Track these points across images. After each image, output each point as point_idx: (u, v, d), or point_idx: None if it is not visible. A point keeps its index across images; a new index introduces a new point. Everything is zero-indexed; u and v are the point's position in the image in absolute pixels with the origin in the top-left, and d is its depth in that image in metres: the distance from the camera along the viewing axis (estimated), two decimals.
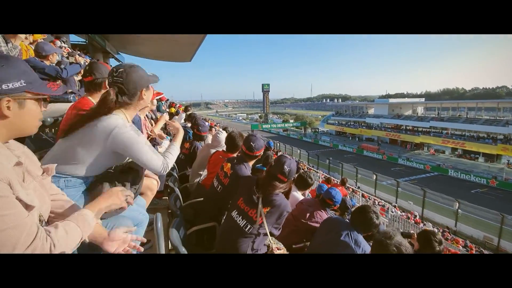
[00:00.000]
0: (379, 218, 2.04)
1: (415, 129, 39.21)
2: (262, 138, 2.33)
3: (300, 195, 3.25)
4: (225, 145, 2.87)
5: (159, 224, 1.20)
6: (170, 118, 7.28)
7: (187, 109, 7.18)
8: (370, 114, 48.94)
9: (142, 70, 1.42)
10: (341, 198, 2.76)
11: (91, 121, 1.27)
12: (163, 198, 2.94)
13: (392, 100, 53.90)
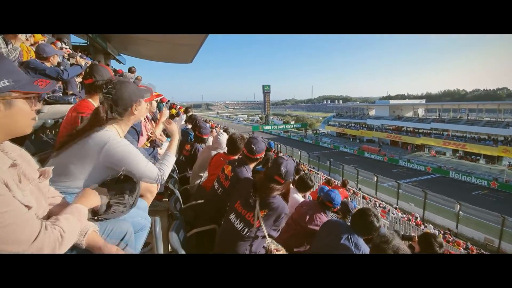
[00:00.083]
0: (380, 221, 2.02)
1: (416, 130, 39.16)
2: (263, 141, 2.33)
3: (300, 197, 3.24)
4: (226, 147, 2.87)
5: (158, 228, 1.20)
6: (170, 119, 7.31)
7: (188, 110, 7.19)
8: (371, 116, 48.94)
9: (133, 85, 1.42)
10: (340, 200, 2.74)
11: (83, 137, 1.27)
12: (163, 200, 2.93)
13: (393, 101, 53.89)
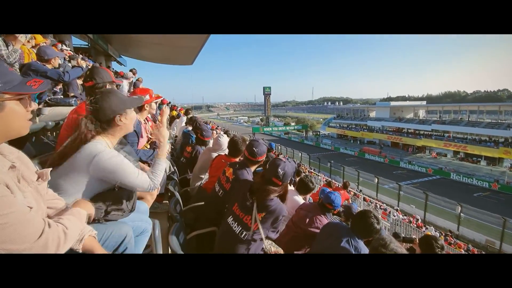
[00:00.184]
0: (380, 223, 2.02)
1: (417, 132, 39.13)
2: (264, 143, 2.33)
3: (301, 199, 3.23)
4: (226, 148, 2.87)
5: (157, 231, 1.20)
6: (171, 121, 7.31)
7: (188, 112, 7.20)
8: (371, 117, 48.95)
9: (118, 96, 1.40)
10: (340, 202, 2.73)
11: (71, 154, 1.27)
12: (164, 202, 2.93)
13: (393, 103, 53.74)
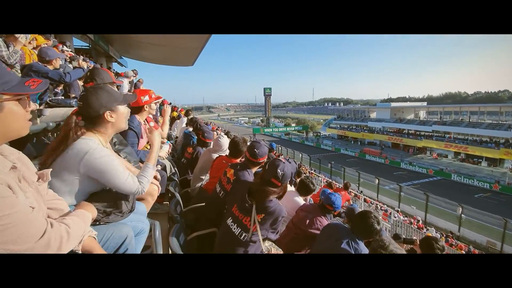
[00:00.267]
0: (380, 224, 2.01)
1: (418, 133, 39.04)
2: (265, 145, 2.33)
3: (301, 200, 3.23)
4: (226, 149, 2.86)
5: (157, 232, 1.20)
6: (171, 122, 7.31)
7: (188, 113, 7.19)
8: (372, 118, 48.83)
9: (107, 91, 1.35)
10: (341, 203, 2.73)
11: (61, 152, 1.23)
12: (164, 203, 2.93)
13: (394, 104, 53.77)
